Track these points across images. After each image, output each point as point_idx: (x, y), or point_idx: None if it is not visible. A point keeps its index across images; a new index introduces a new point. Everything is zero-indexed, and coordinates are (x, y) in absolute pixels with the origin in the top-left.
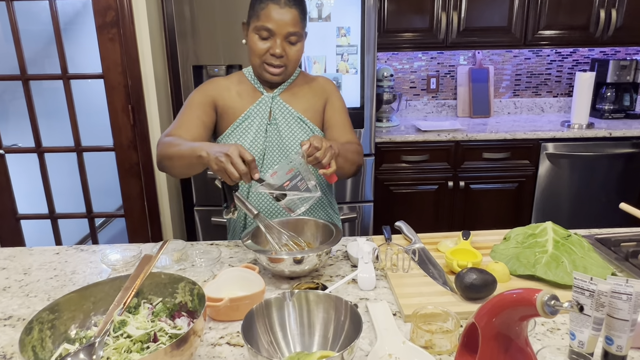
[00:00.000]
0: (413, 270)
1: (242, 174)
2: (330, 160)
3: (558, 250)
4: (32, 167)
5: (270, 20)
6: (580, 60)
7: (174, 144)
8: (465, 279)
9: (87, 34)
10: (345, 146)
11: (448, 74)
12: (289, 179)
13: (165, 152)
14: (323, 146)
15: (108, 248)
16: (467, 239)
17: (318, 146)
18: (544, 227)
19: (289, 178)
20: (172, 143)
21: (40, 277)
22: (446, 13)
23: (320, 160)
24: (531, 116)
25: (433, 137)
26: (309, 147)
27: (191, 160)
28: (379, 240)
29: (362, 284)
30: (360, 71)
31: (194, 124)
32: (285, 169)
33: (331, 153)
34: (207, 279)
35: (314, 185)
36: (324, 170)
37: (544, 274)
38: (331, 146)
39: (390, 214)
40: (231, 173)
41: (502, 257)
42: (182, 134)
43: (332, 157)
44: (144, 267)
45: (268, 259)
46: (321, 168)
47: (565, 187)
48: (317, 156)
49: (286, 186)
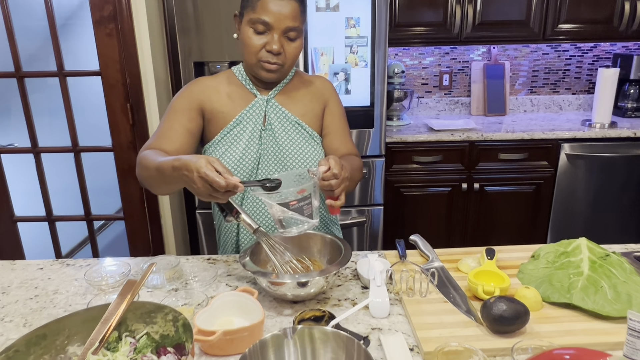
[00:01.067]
0: (431, 294)
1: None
2: (341, 193)
3: (595, 273)
4: (29, 167)
5: (267, 12)
6: (601, 56)
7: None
8: (493, 309)
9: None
10: (352, 164)
11: (462, 70)
12: (296, 199)
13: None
14: (342, 175)
15: (96, 263)
16: (492, 259)
17: (337, 173)
18: (577, 245)
19: (298, 198)
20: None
21: (19, 296)
22: (461, 6)
23: (333, 189)
24: (549, 114)
25: (446, 137)
26: (326, 171)
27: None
28: (392, 256)
29: (374, 310)
30: (371, 65)
31: (176, 133)
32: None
33: (345, 185)
34: (202, 302)
35: (317, 209)
36: (332, 201)
37: (581, 302)
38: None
39: (401, 217)
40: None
41: (532, 279)
42: (164, 145)
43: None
44: (126, 294)
45: (269, 282)
46: (330, 197)
47: (585, 189)
48: (332, 184)
49: (292, 205)
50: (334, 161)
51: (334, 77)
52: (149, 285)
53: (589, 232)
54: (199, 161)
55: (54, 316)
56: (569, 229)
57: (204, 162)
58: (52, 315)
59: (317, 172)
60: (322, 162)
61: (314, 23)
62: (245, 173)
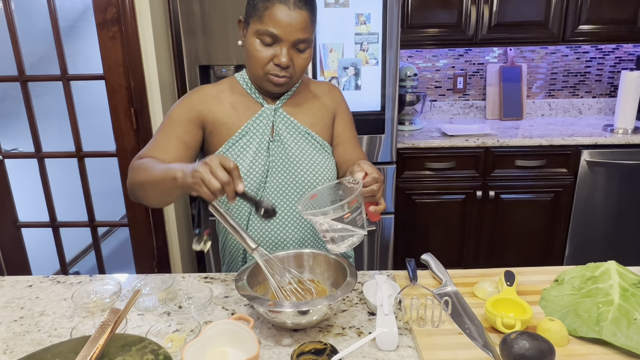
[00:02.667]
0: (444, 323)
1: (223, 184)
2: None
3: (627, 302)
4: (33, 172)
5: (276, 24)
6: (623, 58)
7: (144, 168)
8: (514, 348)
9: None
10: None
11: (476, 73)
12: (350, 211)
13: (136, 179)
14: (380, 178)
15: (87, 280)
16: (512, 285)
17: (377, 177)
18: (605, 269)
19: (350, 210)
20: (141, 167)
21: (3, 318)
22: (476, 7)
23: (375, 194)
24: (568, 118)
25: (460, 143)
26: (365, 177)
27: (166, 184)
28: (401, 278)
29: (381, 342)
30: (382, 67)
31: (172, 145)
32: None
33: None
34: (194, 329)
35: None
36: (374, 207)
37: (613, 338)
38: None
39: (413, 225)
40: (210, 182)
41: (556, 307)
42: (158, 156)
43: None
44: (107, 327)
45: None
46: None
47: (606, 198)
48: (374, 189)
49: (345, 218)
50: (368, 166)
51: (344, 72)
52: (140, 307)
53: (609, 243)
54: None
55: (36, 342)
56: (589, 239)
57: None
58: (34, 341)
59: (358, 180)
60: (356, 169)
61: (323, 19)
62: (253, 187)
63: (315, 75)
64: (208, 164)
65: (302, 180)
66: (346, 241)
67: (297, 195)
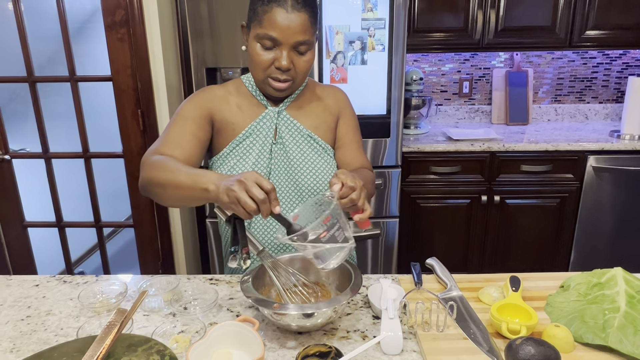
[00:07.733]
0: (449, 328)
1: (260, 203)
2: (364, 202)
3: (634, 309)
4: (40, 172)
5: (275, 28)
6: (630, 63)
7: (167, 168)
8: (519, 353)
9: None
10: (365, 177)
11: (482, 77)
12: (325, 229)
13: (156, 177)
14: (357, 185)
15: (94, 280)
16: (517, 290)
17: (353, 186)
18: (612, 275)
19: (326, 228)
20: (164, 166)
21: (10, 317)
22: (483, 11)
23: (356, 202)
24: (574, 124)
25: (466, 147)
26: (341, 188)
27: (192, 192)
28: (406, 282)
29: (385, 346)
30: (388, 66)
31: (187, 141)
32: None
33: (365, 193)
34: (199, 330)
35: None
36: (359, 215)
37: (619, 345)
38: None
39: (417, 229)
40: (245, 203)
41: (562, 313)
42: (174, 152)
43: (366, 198)
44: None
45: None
46: (355, 211)
47: (612, 204)
48: (352, 198)
49: (322, 237)
50: (343, 175)
51: (350, 46)
52: (146, 308)
53: (615, 249)
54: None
55: (43, 341)
56: (595, 245)
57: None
58: (41, 340)
59: (333, 194)
60: (333, 181)
61: (330, 3)
62: None
63: (321, 57)
64: (243, 182)
65: (303, 183)
66: (334, 258)
67: (298, 199)
